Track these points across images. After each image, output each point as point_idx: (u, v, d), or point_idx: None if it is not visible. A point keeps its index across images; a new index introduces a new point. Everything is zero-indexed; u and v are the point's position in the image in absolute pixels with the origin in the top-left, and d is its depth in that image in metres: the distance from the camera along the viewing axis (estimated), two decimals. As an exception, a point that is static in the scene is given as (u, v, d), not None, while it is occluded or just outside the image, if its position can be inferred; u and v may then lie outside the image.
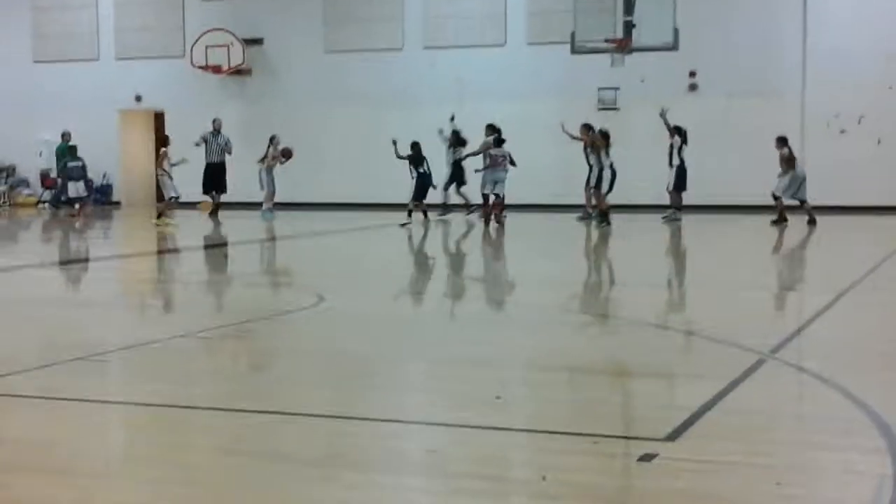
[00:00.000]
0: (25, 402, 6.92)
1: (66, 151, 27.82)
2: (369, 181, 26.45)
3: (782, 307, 11.07)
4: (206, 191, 25.45)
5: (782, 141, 22.12)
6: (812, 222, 21.28)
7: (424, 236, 20.86)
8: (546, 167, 25.29)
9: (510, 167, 22.35)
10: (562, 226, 22.43)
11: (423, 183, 23.11)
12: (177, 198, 23.73)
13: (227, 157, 25.49)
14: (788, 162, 21.84)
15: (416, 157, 23.11)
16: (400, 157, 23.02)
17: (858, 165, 24.84)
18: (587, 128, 22.78)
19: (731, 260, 16.58)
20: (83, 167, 26.45)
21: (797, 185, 21.78)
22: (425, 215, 23.30)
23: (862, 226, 22.05)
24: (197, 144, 24.99)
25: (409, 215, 22.63)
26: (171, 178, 23.43)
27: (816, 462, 5.39)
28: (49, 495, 4.94)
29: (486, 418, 6.20)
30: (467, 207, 24.09)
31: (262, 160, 24.81)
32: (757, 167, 25.12)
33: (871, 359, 8.17)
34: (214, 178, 25.24)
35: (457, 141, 23.84)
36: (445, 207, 24.15)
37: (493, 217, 22.37)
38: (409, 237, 20.73)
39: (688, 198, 23.02)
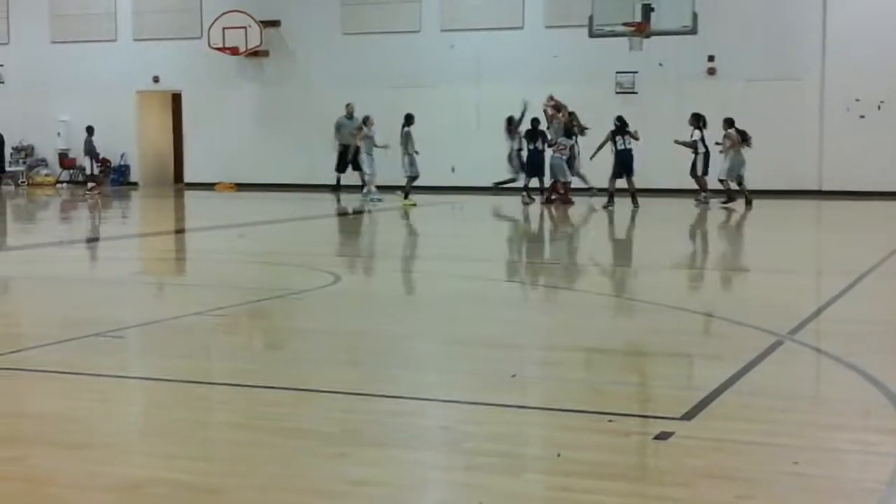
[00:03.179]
0: (42, 376, 6.94)
1: None
2: (386, 162, 26.38)
3: (800, 290, 11.01)
4: (339, 170, 25.93)
5: (729, 122, 22.31)
6: (749, 203, 21.87)
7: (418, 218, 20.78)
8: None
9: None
10: (574, 209, 22.34)
11: (533, 160, 23.02)
12: (414, 177, 23.57)
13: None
14: (735, 143, 22.08)
15: (532, 133, 23.03)
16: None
17: (877, 151, 24.67)
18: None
19: (748, 244, 16.51)
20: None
21: (740, 167, 22.20)
22: (528, 195, 23.02)
23: (880, 211, 21.92)
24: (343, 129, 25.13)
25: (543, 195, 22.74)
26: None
27: (834, 442, 5.36)
28: (64, 469, 4.94)
29: (502, 397, 6.18)
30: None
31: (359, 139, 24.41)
32: (775, 151, 25.00)
33: (889, 341, 8.12)
34: (345, 158, 25.71)
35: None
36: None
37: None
38: (406, 218, 20.68)
39: (708, 182, 22.92)
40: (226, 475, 4.85)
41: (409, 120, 23.30)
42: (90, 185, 27.77)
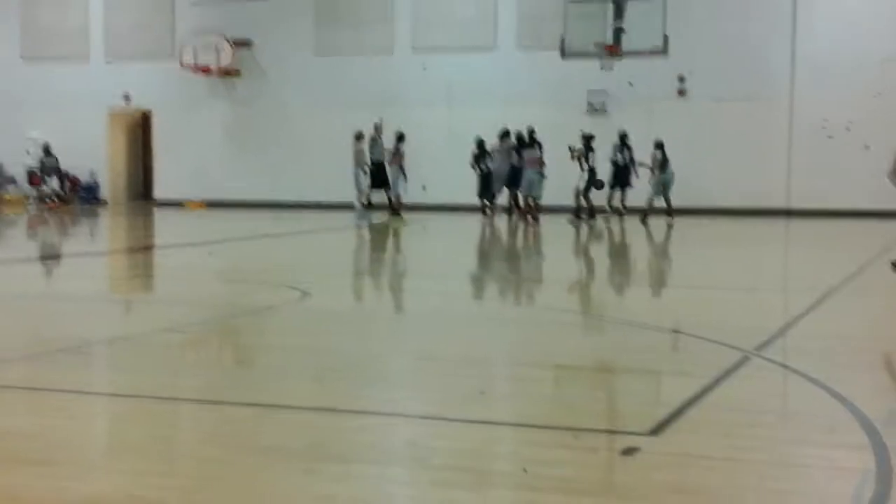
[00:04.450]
0: (6, 392, 6.87)
1: None
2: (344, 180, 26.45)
3: (767, 307, 11.06)
4: (375, 186, 25.30)
5: (657, 145, 22.93)
6: (670, 216, 22.73)
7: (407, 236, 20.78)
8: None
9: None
10: (549, 227, 22.38)
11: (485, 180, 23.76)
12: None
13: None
14: (661, 165, 22.73)
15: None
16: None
17: (846, 171, 24.88)
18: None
19: (716, 261, 16.58)
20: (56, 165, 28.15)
21: (664, 186, 22.86)
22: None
23: (848, 230, 22.09)
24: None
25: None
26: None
27: (800, 458, 5.37)
28: (29, 485, 4.89)
29: (468, 412, 6.17)
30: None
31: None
32: (744, 171, 25.19)
33: (855, 358, 8.16)
34: (381, 175, 25.28)
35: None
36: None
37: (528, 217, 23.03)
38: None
39: (676, 200, 23.02)
40: (193, 491, 4.81)
41: (401, 138, 23.34)
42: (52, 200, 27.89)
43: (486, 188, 24.13)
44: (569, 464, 5.18)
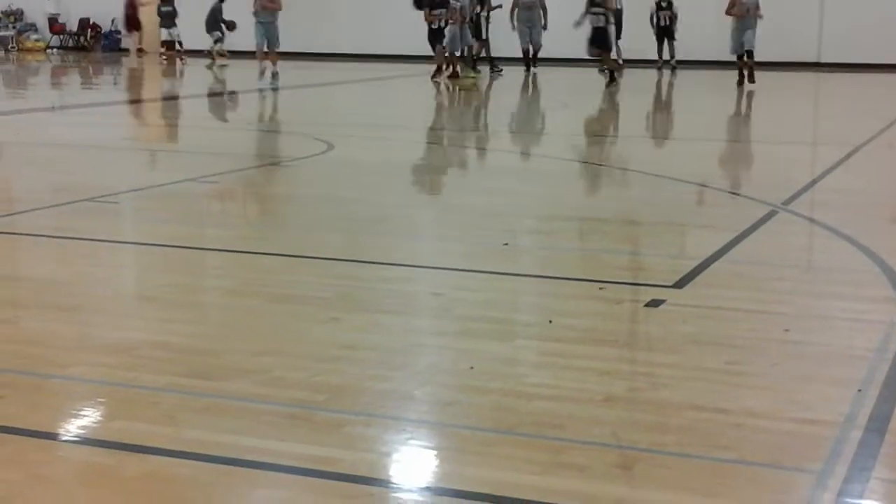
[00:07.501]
0: (35, 240, 6.93)
1: None
2: (376, 32, 25.98)
3: (796, 161, 10.95)
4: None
5: None
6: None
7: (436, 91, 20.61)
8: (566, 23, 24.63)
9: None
10: (577, 80, 22.11)
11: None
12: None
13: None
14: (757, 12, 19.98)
15: None
16: None
17: (879, 23, 24.29)
18: None
19: (745, 115, 16.40)
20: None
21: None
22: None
23: (881, 84, 21.72)
24: None
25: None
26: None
27: (825, 310, 5.37)
28: (56, 331, 4.95)
29: (494, 264, 6.18)
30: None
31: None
32: (774, 22, 24.62)
33: (883, 211, 8.10)
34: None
35: None
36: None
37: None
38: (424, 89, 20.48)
39: (704, 54, 22.65)
40: (219, 339, 4.86)
41: None
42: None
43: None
44: (594, 315, 5.20)
